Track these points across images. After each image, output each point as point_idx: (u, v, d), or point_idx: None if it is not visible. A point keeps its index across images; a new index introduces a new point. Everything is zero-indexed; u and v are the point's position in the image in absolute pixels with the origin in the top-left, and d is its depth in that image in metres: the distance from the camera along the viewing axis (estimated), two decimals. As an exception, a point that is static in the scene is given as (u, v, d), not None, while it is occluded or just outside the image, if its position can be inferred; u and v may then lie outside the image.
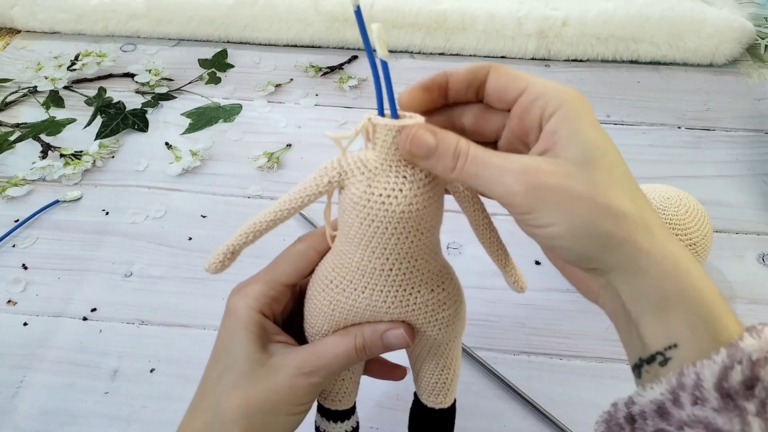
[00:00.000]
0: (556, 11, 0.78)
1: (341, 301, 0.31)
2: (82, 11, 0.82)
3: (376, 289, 0.30)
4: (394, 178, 0.28)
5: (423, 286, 0.31)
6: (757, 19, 0.83)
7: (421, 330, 0.33)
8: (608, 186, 0.26)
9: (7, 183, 0.64)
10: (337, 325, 0.32)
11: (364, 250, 0.29)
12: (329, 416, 0.36)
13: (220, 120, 0.71)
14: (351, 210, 0.29)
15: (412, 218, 0.28)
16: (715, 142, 0.68)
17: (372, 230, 0.29)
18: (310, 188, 0.30)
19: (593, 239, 0.25)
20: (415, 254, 0.30)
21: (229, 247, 0.31)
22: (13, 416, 0.46)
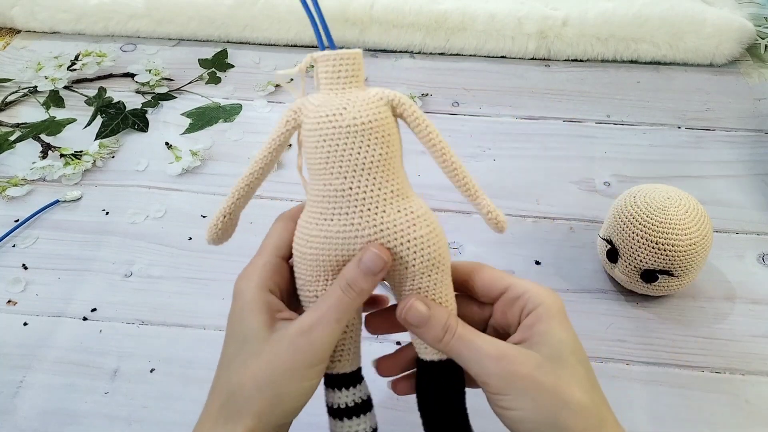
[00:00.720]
0: (556, 11, 0.78)
1: (314, 235, 0.32)
2: (82, 11, 0.82)
3: (342, 211, 0.31)
4: (338, 101, 0.31)
5: (388, 206, 0.31)
6: (757, 19, 0.83)
7: (398, 256, 0.32)
8: (571, 383, 0.30)
9: (7, 183, 0.64)
10: (324, 273, 0.32)
11: (324, 175, 0.31)
12: (332, 383, 0.35)
13: (220, 120, 0.71)
14: (307, 142, 0.31)
15: (360, 131, 0.30)
16: (715, 142, 0.68)
17: (326, 150, 0.31)
18: (274, 134, 0.32)
19: (552, 428, 0.29)
20: (373, 170, 0.31)
21: (221, 212, 0.33)
22: (13, 416, 0.46)
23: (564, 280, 0.55)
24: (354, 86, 0.32)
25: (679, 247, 0.47)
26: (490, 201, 0.34)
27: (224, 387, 0.31)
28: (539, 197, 0.62)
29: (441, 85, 0.76)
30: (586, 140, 0.68)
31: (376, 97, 0.31)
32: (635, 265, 0.50)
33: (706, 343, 0.50)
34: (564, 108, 0.72)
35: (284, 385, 0.30)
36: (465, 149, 0.67)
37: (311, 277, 0.33)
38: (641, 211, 0.49)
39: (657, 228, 0.48)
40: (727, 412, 0.46)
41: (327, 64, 0.31)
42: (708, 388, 0.47)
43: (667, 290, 0.51)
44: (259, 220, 0.60)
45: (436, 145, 0.33)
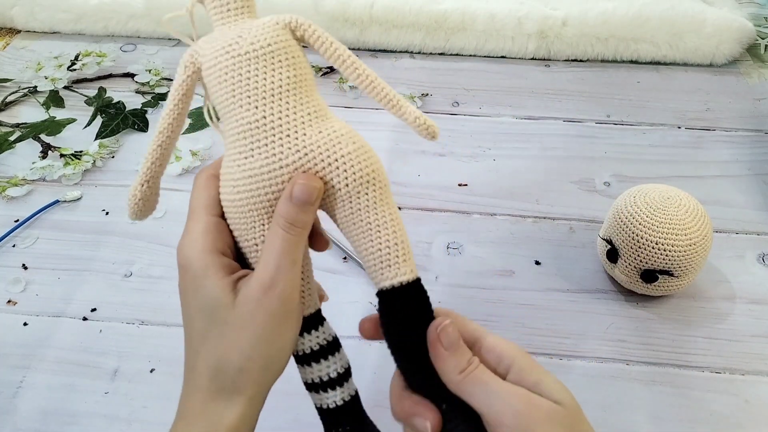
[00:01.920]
0: (556, 11, 0.78)
1: (238, 176, 0.30)
2: (82, 11, 0.82)
3: (260, 144, 0.29)
4: (233, 32, 0.30)
5: (308, 128, 0.30)
6: (757, 19, 0.83)
7: (329, 179, 0.30)
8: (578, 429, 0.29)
9: (7, 183, 0.64)
10: (260, 217, 0.31)
11: (234, 110, 0.29)
12: None
13: (220, 120, 0.71)
14: (210, 81, 0.30)
15: (261, 56, 0.29)
16: (715, 142, 0.68)
17: (230, 84, 0.29)
18: (175, 83, 0.31)
19: None
20: (284, 94, 0.29)
21: (139, 180, 0.32)
22: (13, 416, 0.46)
23: (564, 280, 0.55)
24: (247, 16, 0.31)
25: (679, 247, 0.47)
26: (415, 108, 0.32)
27: (208, 362, 0.30)
28: (539, 197, 0.62)
29: (441, 85, 0.76)
30: (586, 140, 0.68)
31: (271, 21, 0.30)
32: (635, 265, 0.50)
33: (706, 343, 0.50)
34: (564, 108, 0.72)
35: (270, 346, 0.30)
36: (465, 149, 0.67)
37: (247, 224, 0.31)
38: (641, 211, 0.49)
39: (657, 228, 0.48)
40: (727, 412, 0.46)
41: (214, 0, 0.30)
42: (708, 388, 0.47)
43: (667, 290, 0.51)
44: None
45: (345, 61, 0.31)
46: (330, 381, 0.33)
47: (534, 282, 0.55)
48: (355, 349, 0.49)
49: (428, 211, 0.61)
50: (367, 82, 0.31)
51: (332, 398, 0.34)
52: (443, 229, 0.59)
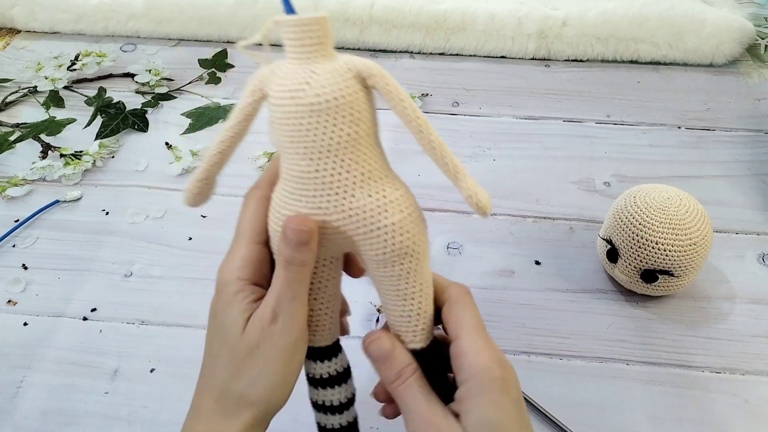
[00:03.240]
0: (556, 11, 0.78)
1: (286, 215, 0.31)
2: (82, 11, 0.82)
3: (309, 194, 0.29)
4: (302, 74, 0.28)
5: (357, 190, 0.29)
6: (757, 19, 0.83)
7: (369, 242, 0.30)
8: None
9: (7, 183, 0.64)
10: None
11: (290, 154, 0.29)
12: (310, 356, 0.34)
13: (220, 120, 0.71)
14: (272, 116, 0.29)
15: (324, 110, 0.28)
16: (715, 142, 0.68)
17: (290, 129, 0.29)
18: (241, 103, 0.31)
19: None
20: (340, 151, 0.29)
21: (197, 177, 0.33)
22: (13, 416, 0.46)
23: (564, 280, 0.55)
24: (320, 55, 0.29)
25: (679, 247, 0.47)
26: (474, 181, 0.31)
27: (214, 383, 0.31)
28: (539, 197, 0.62)
29: (441, 85, 0.76)
30: (586, 140, 0.68)
31: (343, 68, 0.29)
32: (635, 265, 0.50)
33: (706, 343, 0.50)
34: (564, 108, 0.72)
35: (271, 377, 0.31)
36: (465, 149, 0.67)
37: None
38: (641, 211, 0.49)
39: (657, 228, 0.48)
40: (727, 412, 0.46)
41: (288, 30, 0.28)
42: (708, 388, 0.47)
43: (667, 290, 0.51)
44: (259, 220, 0.60)
45: (412, 121, 0.30)
46: (333, 407, 0.35)
47: (534, 282, 0.55)
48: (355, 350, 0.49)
49: (428, 211, 0.60)
50: (430, 145, 0.30)
51: (333, 421, 0.35)
52: (443, 229, 0.59)
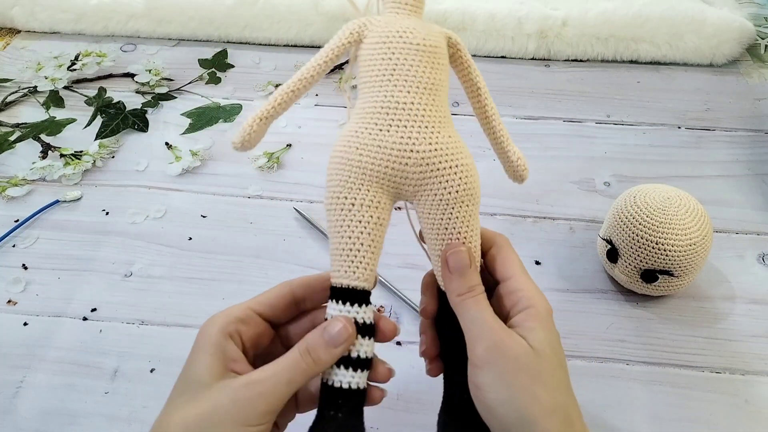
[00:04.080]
0: (556, 11, 0.78)
1: (368, 143, 0.32)
2: (82, 11, 0.82)
3: (401, 124, 0.32)
4: (407, 22, 0.33)
5: (443, 128, 0.33)
6: (757, 19, 0.83)
7: (443, 180, 0.33)
8: (548, 380, 0.31)
9: (7, 183, 0.64)
10: (368, 182, 0.33)
11: (386, 87, 0.32)
12: (338, 296, 0.33)
13: (220, 120, 0.71)
14: (370, 55, 0.33)
15: (428, 52, 0.33)
16: (715, 142, 0.68)
17: (393, 63, 0.32)
18: (333, 44, 0.33)
19: (519, 420, 0.30)
20: (434, 90, 0.33)
21: (258, 115, 0.33)
22: (13, 416, 0.46)
23: (564, 280, 0.55)
24: (416, 15, 0.34)
25: (679, 247, 0.47)
26: (518, 150, 0.37)
27: (160, 424, 0.30)
28: (539, 197, 0.62)
29: (441, 85, 0.76)
30: (586, 140, 0.68)
31: (438, 28, 0.34)
32: (635, 265, 0.50)
33: (706, 343, 0.50)
34: (564, 108, 0.72)
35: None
36: (465, 149, 0.67)
37: (353, 183, 0.33)
38: (641, 211, 0.49)
39: (657, 228, 0.48)
40: (727, 412, 0.46)
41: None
42: (708, 388, 0.47)
43: (667, 290, 0.51)
44: (259, 220, 0.60)
45: (479, 89, 0.36)
46: (356, 360, 0.33)
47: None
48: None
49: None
50: (486, 110, 0.36)
51: (343, 378, 0.33)
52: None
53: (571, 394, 0.32)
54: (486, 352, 0.31)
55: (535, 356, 0.31)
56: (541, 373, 0.30)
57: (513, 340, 0.31)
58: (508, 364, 0.30)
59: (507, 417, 0.30)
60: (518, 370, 0.30)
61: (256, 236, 0.59)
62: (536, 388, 0.30)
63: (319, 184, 0.67)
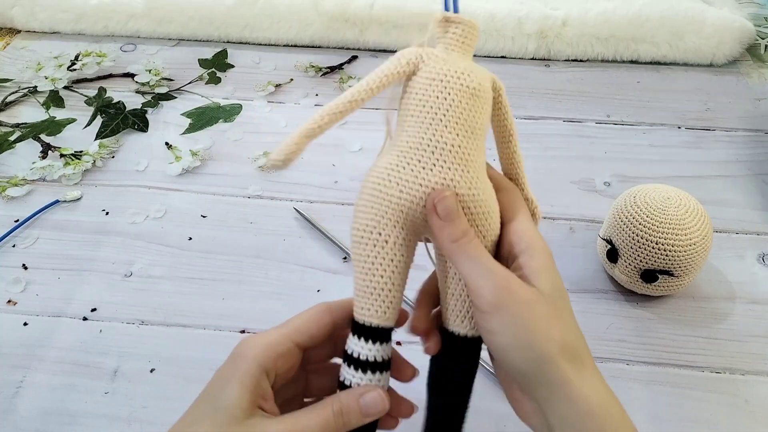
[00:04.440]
0: (556, 11, 0.78)
1: (410, 180, 0.32)
2: (82, 11, 0.82)
3: (445, 165, 0.32)
4: (463, 63, 0.33)
5: (481, 173, 0.33)
6: (757, 19, 0.83)
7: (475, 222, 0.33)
8: (560, 322, 0.31)
9: (7, 183, 0.64)
10: (401, 221, 0.32)
11: (438, 125, 0.32)
12: (362, 333, 0.33)
13: (220, 120, 0.71)
14: (425, 89, 0.32)
15: (481, 97, 0.32)
16: (715, 142, 0.68)
17: (448, 103, 0.32)
18: (388, 68, 0.32)
19: (535, 360, 0.30)
20: (478, 134, 0.33)
21: (303, 130, 0.32)
22: (13, 416, 0.46)
23: (564, 280, 0.54)
24: (469, 54, 0.34)
25: (679, 247, 0.47)
26: (531, 192, 0.38)
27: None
28: (539, 197, 0.61)
29: (441, 85, 0.76)
30: (586, 140, 0.68)
31: (488, 73, 0.34)
32: (635, 265, 0.50)
33: (706, 343, 0.50)
34: (564, 108, 0.72)
35: None
36: (465, 149, 0.67)
37: (389, 219, 0.32)
38: (641, 211, 0.49)
39: (657, 228, 0.48)
40: (727, 412, 0.46)
41: (460, 26, 0.33)
42: (708, 388, 0.47)
43: (667, 290, 0.51)
44: (260, 219, 0.60)
45: (511, 134, 0.37)
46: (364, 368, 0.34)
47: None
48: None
49: (428, 211, 0.60)
50: (515, 162, 0.38)
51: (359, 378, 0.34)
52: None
53: (579, 333, 0.32)
54: (495, 297, 0.30)
55: (544, 299, 0.31)
56: (552, 314, 0.31)
57: (520, 285, 0.31)
58: (519, 307, 0.30)
59: (522, 359, 0.30)
60: (530, 312, 0.30)
61: (256, 236, 0.59)
62: (549, 329, 0.30)
63: (319, 184, 0.67)
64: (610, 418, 0.29)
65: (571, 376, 0.30)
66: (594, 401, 0.29)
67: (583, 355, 0.31)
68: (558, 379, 0.30)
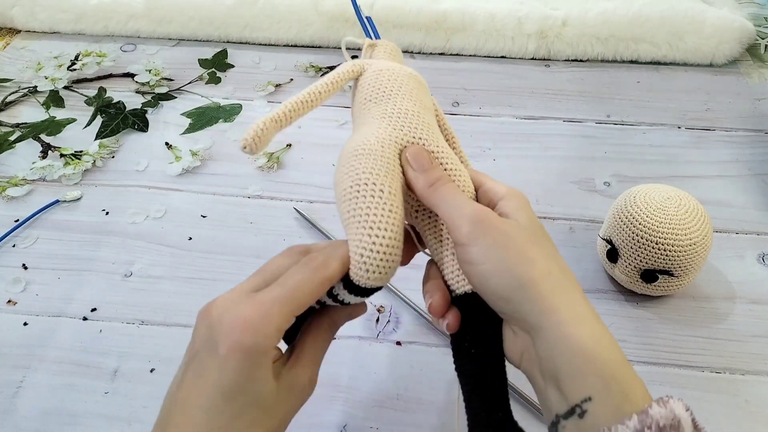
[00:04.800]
0: (556, 11, 0.78)
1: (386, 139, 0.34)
2: (82, 11, 0.82)
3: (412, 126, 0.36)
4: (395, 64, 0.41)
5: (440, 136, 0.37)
6: (757, 19, 0.83)
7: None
8: (539, 248, 0.31)
9: (7, 183, 0.64)
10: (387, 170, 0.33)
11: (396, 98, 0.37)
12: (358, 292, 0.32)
13: (220, 120, 0.71)
14: (375, 78, 0.38)
15: (422, 83, 0.40)
16: (715, 142, 0.68)
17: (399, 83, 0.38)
18: (339, 70, 0.38)
19: (518, 287, 0.29)
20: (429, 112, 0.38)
21: (269, 116, 0.34)
22: (13, 416, 0.46)
23: (564, 280, 0.55)
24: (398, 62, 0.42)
25: (679, 247, 0.47)
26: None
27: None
28: (539, 197, 0.62)
29: (441, 85, 0.76)
30: (586, 140, 0.68)
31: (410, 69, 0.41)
32: (635, 265, 0.50)
33: (706, 343, 0.50)
34: (564, 108, 0.72)
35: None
36: (465, 149, 0.66)
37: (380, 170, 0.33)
38: (641, 211, 0.49)
39: (657, 228, 0.48)
40: (727, 412, 0.46)
41: (383, 46, 0.43)
42: (708, 388, 0.47)
43: (667, 290, 0.51)
44: (260, 219, 0.60)
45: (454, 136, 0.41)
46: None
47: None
48: (355, 350, 0.49)
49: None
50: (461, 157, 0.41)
51: None
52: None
53: (564, 264, 0.31)
54: (472, 228, 0.31)
55: (523, 228, 0.31)
56: (532, 242, 0.31)
57: (496, 217, 0.32)
58: (498, 235, 0.30)
59: (503, 284, 0.30)
60: (508, 239, 0.30)
61: (256, 236, 0.59)
62: (530, 253, 0.30)
63: (319, 184, 0.67)
64: (601, 348, 0.28)
65: (558, 304, 0.29)
66: (585, 333, 0.28)
67: (570, 284, 0.30)
68: (544, 307, 0.29)
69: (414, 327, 0.50)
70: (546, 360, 0.29)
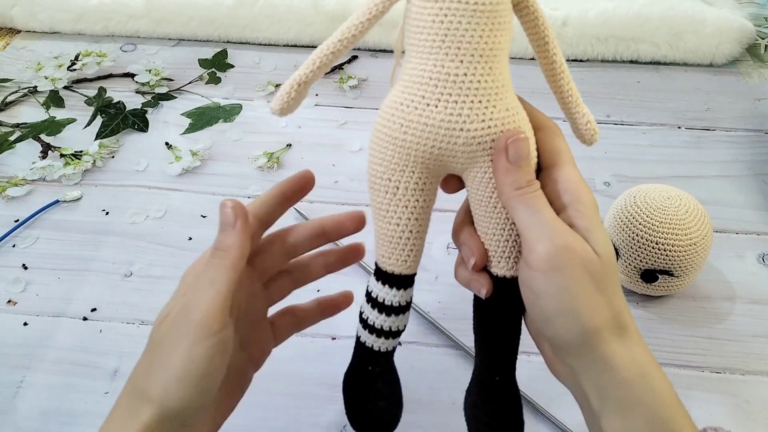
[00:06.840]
0: (556, 11, 0.78)
1: (414, 120, 0.30)
2: (82, 11, 0.82)
3: (450, 99, 0.29)
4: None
5: (498, 101, 0.30)
6: (757, 19, 0.83)
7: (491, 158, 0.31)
8: (609, 287, 0.29)
9: (7, 183, 0.64)
10: (413, 164, 0.31)
11: (437, 54, 0.29)
12: (385, 279, 0.33)
13: (220, 120, 0.71)
14: (420, 15, 0.29)
15: (486, 13, 0.28)
16: (715, 142, 0.68)
17: (446, 27, 0.28)
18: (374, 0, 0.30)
19: (574, 323, 0.28)
20: (491, 58, 0.29)
21: (296, 79, 0.31)
22: (13, 416, 0.46)
23: (564, 280, 0.55)
24: None
25: (679, 247, 0.47)
26: (588, 111, 0.33)
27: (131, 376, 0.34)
28: (539, 197, 0.62)
29: (441, 85, 0.76)
30: (586, 140, 0.68)
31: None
32: (635, 265, 0.50)
33: (706, 343, 0.50)
34: (564, 108, 0.72)
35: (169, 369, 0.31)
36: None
37: (398, 164, 0.31)
38: (641, 211, 0.49)
39: (657, 228, 0.48)
40: (727, 412, 0.46)
41: None
42: (708, 388, 0.47)
43: (667, 290, 0.51)
44: (259, 220, 0.60)
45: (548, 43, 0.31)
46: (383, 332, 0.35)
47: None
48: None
49: (428, 211, 0.60)
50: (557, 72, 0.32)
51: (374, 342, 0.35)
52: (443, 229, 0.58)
53: (623, 298, 0.30)
54: (550, 255, 0.28)
55: (600, 263, 0.28)
56: (605, 281, 0.28)
57: (580, 245, 0.28)
58: (575, 271, 0.28)
59: (565, 328, 0.28)
60: (584, 277, 0.28)
61: (256, 236, 0.59)
62: (599, 297, 0.28)
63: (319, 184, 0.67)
64: (650, 387, 0.28)
65: (615, 348, 0.28)
66: (634, 371, 0.28)
67: (628, 322, 0.29)
68: (602, 353, 0.28)
69: (414, 327, 0.50)
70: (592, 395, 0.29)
